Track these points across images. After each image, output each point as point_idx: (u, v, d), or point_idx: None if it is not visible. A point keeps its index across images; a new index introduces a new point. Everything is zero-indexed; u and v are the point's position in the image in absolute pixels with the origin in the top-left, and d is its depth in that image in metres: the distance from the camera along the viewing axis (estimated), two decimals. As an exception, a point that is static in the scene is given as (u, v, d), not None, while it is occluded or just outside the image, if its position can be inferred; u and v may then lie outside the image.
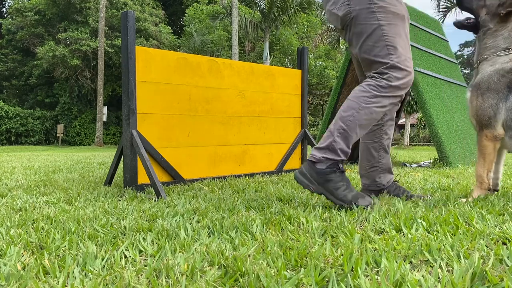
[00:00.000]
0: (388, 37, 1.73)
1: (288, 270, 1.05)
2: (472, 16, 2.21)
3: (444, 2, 18.30)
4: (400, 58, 1.75)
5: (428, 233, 1.39)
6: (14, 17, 23.01)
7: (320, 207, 1.85)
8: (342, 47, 24.11)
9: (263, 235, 1.37)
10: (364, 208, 1.72)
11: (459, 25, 2.26)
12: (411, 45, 4.74)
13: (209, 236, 1.40)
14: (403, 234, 1.38)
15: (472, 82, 2.16)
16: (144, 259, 1.17)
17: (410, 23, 5.07)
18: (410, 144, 22.46)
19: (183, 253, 1.20)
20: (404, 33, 1.80)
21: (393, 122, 2.11)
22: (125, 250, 1.23)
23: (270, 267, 1.06)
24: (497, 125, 2.01)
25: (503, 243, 1.26)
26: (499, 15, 2.10)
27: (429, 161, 5.44)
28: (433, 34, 5.56)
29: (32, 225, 1.59)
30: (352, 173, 3.70)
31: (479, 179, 2.10)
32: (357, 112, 1.73)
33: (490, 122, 2.02)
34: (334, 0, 1.83)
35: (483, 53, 2.12)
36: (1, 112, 20.90)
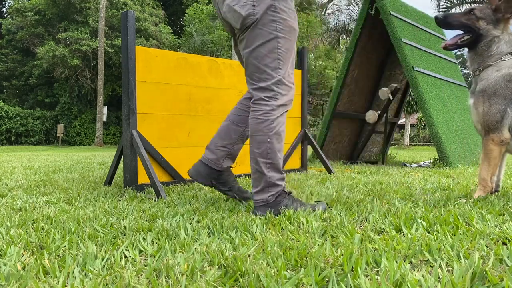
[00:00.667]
0: (281, 51, 1.74)
1: (288, 270, 1.05)
2: (460, 32, 2.19)
3: (444, 2, 18.29)
4: (286, 74, 1.78)
5: (428, 233, 1.39)
6: (14, 17, 23.01)
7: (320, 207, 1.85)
8: (342, 47, 24.11)
9: (263, 235, 1.37)
10: (323, 211, 1.74)
11: (453, 47, 2.23)
12: (411, 45, 4.75)
13: (209, 236, 1.40)
14: (403, 234, 1.38)
15: (473, 89, 2.16)
16: (144, 259, 1.17)
17: (410, 23, 5.07)
18: (410, 144, 22.46)
19: (183, 253, 1.20)
20: (294, 50, 1.83)
21: None
22: (125, 250, 1.23)
23: (270, 267, 1.06)
24: (504, 130, 2.02)
25: (503, 243, 1.26)
26: (507, 19, 2.09)
27: (429, 161, 5.44)
28: (433, 34, 5.57)
29: (32, 225, 1.59)
30: (352, 173, 3.70)
31: (482, 183, 2.10)
32: (270, 143, 1.76)
33: (497, 126, 2.02)
34: None
35: (487, 61, 2.11)
36: (1, 112, 20.90)
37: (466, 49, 2.26)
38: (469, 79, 2.54)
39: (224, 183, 2.07)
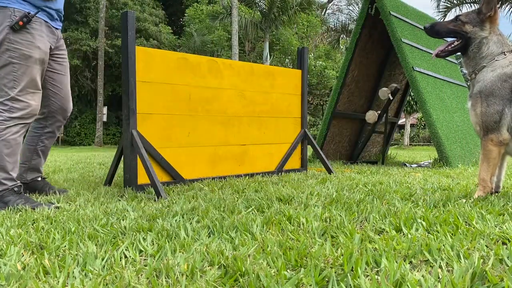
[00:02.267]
0: (16, 74, 2.05)
1: (288, 270, 1.05)
2: (452, 39, 2.24)
3: (444, 2, 18.28)
4: (22, 92, 2.07)
5: (428, 233, 1.39)
6: (14, 17, 22.96)
7: (320, 207, 1.85)
8: (342, 47, 24.11)
9: (263, 235, 1.37)
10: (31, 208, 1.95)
11: (444, 54, 2.29)
12: (411, 45, 4.75)
13: (209, 236, 1.40)
14: (403, 234, 1.38)
15: (471, 92, 2.18)
16: (144, 259, 1.17)
17: (410, 23, 5.07)
18: (410, 144, 22.46)
19: (183, 253, 1.20)
20: (34, 74, 2.10)
21: (54, 135, 2.48)
22: (125, 250, 1.23)
23: (270, 267, 1.06)
24: (502, 130, 2.03)
25: (503, 243, 1.26)
26: (489, 17, 2.12)
27: (429, 161, 5.44)
28: (433, 34, 5.56)
29: (32, 225, 1.59)
30: (352, 173, 3.70)
31: (482, 183, 2.11)
32: None
33: (496, 127, 2.03)
34: None
35: (481, 63, 2.14)
36: (1, 112, 20.89)
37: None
38: (468, 83, 2.58)
39: (38, 190, 2.47)
